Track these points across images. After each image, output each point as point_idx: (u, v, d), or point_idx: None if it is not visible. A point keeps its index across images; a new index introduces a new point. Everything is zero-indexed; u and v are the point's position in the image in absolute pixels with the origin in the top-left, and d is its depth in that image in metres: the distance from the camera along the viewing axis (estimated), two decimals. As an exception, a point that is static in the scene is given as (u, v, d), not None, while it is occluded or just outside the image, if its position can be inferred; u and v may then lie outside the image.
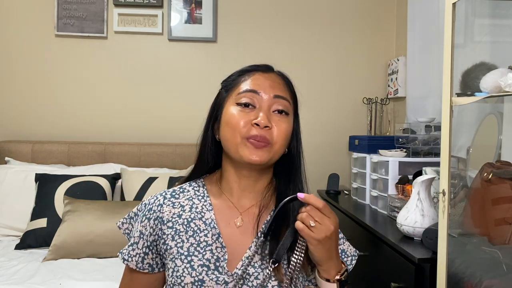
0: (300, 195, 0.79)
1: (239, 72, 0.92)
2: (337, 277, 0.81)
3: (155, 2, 2.65)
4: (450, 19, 1.20)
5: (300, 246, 0.81)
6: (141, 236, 0.90)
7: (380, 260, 1.67)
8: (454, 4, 1.20)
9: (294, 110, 0.94)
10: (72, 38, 2.66)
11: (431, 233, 1.41)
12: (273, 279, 0.83)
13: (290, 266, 0.81)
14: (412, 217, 1.54)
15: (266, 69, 0.92)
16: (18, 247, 2.03)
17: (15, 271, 1.76)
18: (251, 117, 0.85)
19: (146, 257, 0.89)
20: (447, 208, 1.20)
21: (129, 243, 0.92)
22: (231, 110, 0.87)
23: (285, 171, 0.92)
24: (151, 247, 0.89)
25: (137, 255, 0.89)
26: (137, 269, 0.90)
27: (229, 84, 0.92)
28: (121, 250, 0.92)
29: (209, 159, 0.93)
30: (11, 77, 2.65)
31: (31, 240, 2.04)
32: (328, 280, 0.81)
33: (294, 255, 0.81)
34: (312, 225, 0.77)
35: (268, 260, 0.84)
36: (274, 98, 0.87)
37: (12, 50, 2.64)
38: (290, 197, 0.81)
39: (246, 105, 0.86)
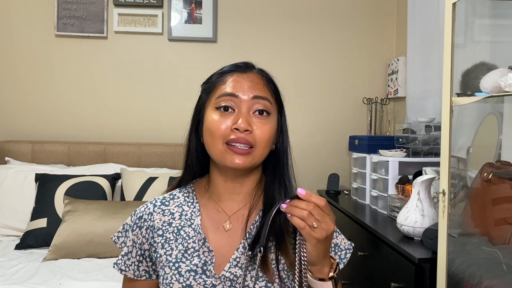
0: (301, 191, 0.75)
1: (218, 74, 0.90)
2: (331, 274, 0.79)
3: (155, 2, 2.65)
4: (450, 19, 1.20)
5: (299, 245, 0.79)
6: (134, 245, 0.90)
7: (380, 260, 1.67)
8: (454, 4, 1.20)
9: (278, 107, 0.90)
10: (72, 38, 2.66)
11: (431, 233, 1.41)
12: (260, 280, 0.82)
13: (302, 267, 0.79)
14: (412, 217, 1.54)
15: (245, 68, 0.89)
16: (18, 247, 2.03)
17: (15, 271, 1.76)
18: (231, 121, 0.83)
19: (140, 264, 0.90)
20: (447, 208, 1.20)
21: (123, 253, 0.91)
22: (211, 115, 0.85)
23: (272, 167, 0.91)
24: (144, 256, 0.90)
25: (133, 264, 0.90)
26: (135, 278, 0.90)
27: (208, 87, 0.90)
28: (115, 262, 0.92)
29: (195, 164, 0.93)
30: (11, 77, 2.65)
31: (31, 240, 2.04)
32: (322, 279, 0.79)
33: (297, 254, 0.79)
34: (315, 225, 0.74)
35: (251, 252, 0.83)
36: (253, 99, 0.84)
37: (12, 50, 2.64)
38: (280, 202, 0.77)
39: (225, 108, 0.84)
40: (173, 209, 0.90)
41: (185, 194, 0.93)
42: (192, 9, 2.68)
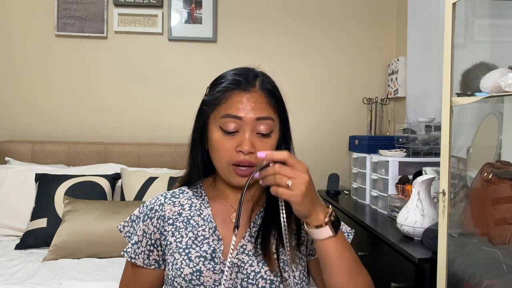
0: (261, 154, 0.77)
1: (220, 90, 0.90)
2: (327, 218, 0.79)
3: (155, 2, 2.65)
4: (450, 19, 1.20)
5: (281, 212, 0.80)
6: (144, 234, 0.94)
7: (380, 260, 1.67)
8: (454, 4, 1.20)
9: (281, 118, 0.93)
10: (72, 38, 2.66)
11: (431, 233, 1.41)
12: (265, 265, 0.87)
13: (284, 233, 0.80)
14: (412, 217, 1.54)
15: (247, 84, 0.88)
16: (18, 247, 2.03)
17: (15, 271, 1.76)
18: (235, 142, 0.87)
19: (151, 254, 0.94)
20: (447, 208, 1.20)
21: (133, 242, 0.95)
22: (216, 133, 0.89)
23: None
24: (155, 245, 0.93)
25: (143, 253, 0.93)
26: (144, 266, 0.93)
27: (211, 101, 0.91)
28: (125, 249, 0.95)
29: (201, 168, 0.96)
30: (11, 77, 2.65)
31: (31, 240, 2.04)
32: (320, 226, 0.78)
33: (282, 223, 0.81)
34: (289, 184, 0.74)
35: (258, 247, 0.89)
36: (257, 121, 0.87)
37: (12, 50, 2.64)
38: (256, 170, 0.78)
39: (230, 132, 0.87)
40: (183, 201, 0.96)
41: (193, 189, 0.98)
42: (192, 9, 2.68)
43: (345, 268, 0.80)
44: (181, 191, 0.98)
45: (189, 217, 0.93)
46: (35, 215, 2.12)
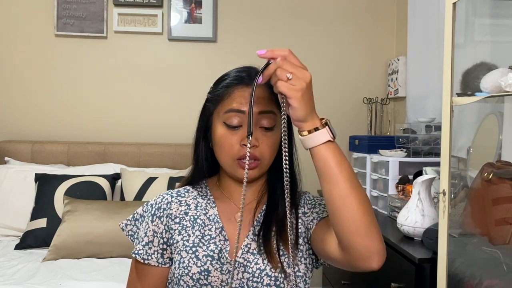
0: (260, 52, 0.74)
1: (224, 85, 0.91)
2: (323, 120, 0.76)
3: (155, 2, 2.65)
4: (450, 19, 1.20)
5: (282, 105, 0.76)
6: (155, 234, 0.93)
7: (380, 260, 1.67)
8: (454, 4, 1.19)
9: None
10: (72, 38, 2.66)
11: (431, 233, 1.41)
12: (270, 265, 0.87)
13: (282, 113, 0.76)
14: (413, 217, 1.54)
15: (249, 80, 0.89)
16: (18, 247, 2.03)
17: (15, 271, 1.76)
18: (239, 137, 0.88)
19: (165, 252, 0.93)
20: (448, 208, 1.20)
21: (143, 243, 0.93)
22: (220, 129, 0.89)
23: (277, 167, 0.94)
24: (168, 243, 0.93)
25: (156, 252, 0.93)
26: (159, 265, 0.93)
27: (214, 98, 0.92)
28: (135, 251, 0.94)
29: (205, 167, 0.97)
30: (11, 77, 2.65)
31: (31, 240, 2.04)
32: (317, 129, 0.75)
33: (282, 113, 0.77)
34: (289, 77, 0.72)
35: (260, 245, 0.89)
36: (259, 115, 0.87)
37: (12, 50, 2.64)
38: (260, 72, 0.76)
39: (233, 127, 0.88)
40: (189, 201, 0.96)
41: (198, 189, 0.98)
42: (192, 9, 2.68)
43: (345, 175, 0.75)
44: (186, 191, 0.98)
45: (196, 216, 0.93)
46: (35, 215, 2.12)
